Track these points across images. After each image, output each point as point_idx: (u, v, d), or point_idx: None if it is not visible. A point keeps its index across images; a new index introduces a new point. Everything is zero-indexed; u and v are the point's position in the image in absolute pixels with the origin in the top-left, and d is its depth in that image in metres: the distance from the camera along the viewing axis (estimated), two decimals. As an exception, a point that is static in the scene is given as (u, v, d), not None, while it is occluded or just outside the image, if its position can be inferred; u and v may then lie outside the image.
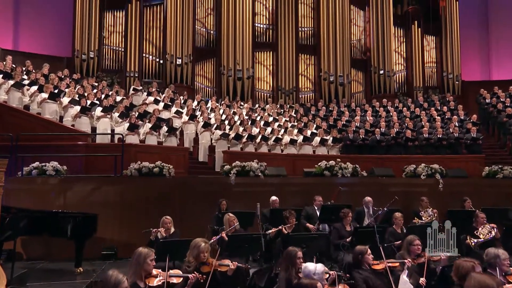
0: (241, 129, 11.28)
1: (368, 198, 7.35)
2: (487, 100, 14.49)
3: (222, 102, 14.48)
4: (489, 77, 19.50)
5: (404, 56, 18.68)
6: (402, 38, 18.77)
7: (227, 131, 10.91)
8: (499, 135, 13.37)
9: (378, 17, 17.93)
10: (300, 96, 17.38)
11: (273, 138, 11.21)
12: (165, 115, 12.17)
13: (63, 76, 12.48)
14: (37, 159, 7.89)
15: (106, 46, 16.63)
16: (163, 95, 13.49)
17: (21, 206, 6.66)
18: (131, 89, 13.93)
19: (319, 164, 8.11)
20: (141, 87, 14.03)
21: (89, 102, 9.91)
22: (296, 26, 17.61)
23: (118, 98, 11.69)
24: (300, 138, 11.48)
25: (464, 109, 14.54)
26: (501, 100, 14.19)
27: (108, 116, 9.62)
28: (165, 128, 9.94)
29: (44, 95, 9.44)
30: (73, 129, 8.93)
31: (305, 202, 7.88)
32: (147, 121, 9.87)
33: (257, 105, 15.09)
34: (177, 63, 16.10)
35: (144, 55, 16.66)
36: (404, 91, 18.32)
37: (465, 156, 11.36)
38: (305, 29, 17.98)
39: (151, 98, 12.82)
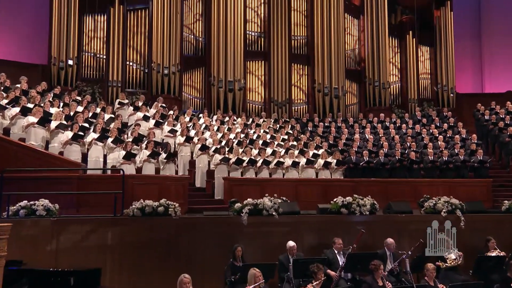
0: (240, 150, 10.89)
1: (390, 240, 7.11)
2: (486, 117, 14.57)
3: (215, 117, 14.00)
4: (482, 89, 19.79)
5: (398, 67, 18.68)
6: (396, 48, 18.77)
7: (226, 154, 10.48)
8: (500, 154, 13.47)
9: (373, 26, 17.83)
10: (293, 108, 17.09)
11: (275, 161, 10.86)
12: (156, 133, 11.64)
13: (41, 91, 11.71)
14: (23, 195, 7.25)
15: (86, 53, 15.84)
16: (152, 110, 12.94)
17: (9, 255, 6.06)
18: (117, 102, 13.28)
19: (335, 200, 7.81)
20: (127, 101, 13.41)
21: (79, 123, 9.26)
22: (289, 35, 17.29)
23: (107, 116, 11.06)
24: (303, 160, 11.19)
25: (459, 122, 14.71)
26: (501, 116, 14.31)
27: (101, 142, 9.02)
28: (163, 155, 9.42)
29: (32, 120, 8.73)
30: (65, 160, 8.28)
31: (321, 241, 7.59)
32: (143, 147, 9.32)
33: (250, 120, 14.70)
34: (164, 72, 15.50)
35: (127, 63, 15.99)
36: (399, 103, 18.34)
37: (473, 180, 11.36)
38: (298, 37, 17.69)
39: (139, 114, 12.25)
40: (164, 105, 13.85)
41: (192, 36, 16.84)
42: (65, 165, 8.30)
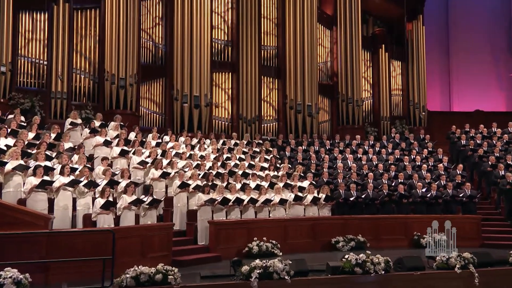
0: (223, 185, 10.57)
1: (411, 304, 7.20)
2: (462, 141, 15.40)
3: (182, 140, 13.45)
4: (450, 107, 20.99)
5: (370, 82, 19.21)
6: (368, 62, 19.28)
7: (210, 193, 10.09)
8: (480, 183, 14.27)
9: (346, 38, 18.13)
10: (263, 125, 16.94)
11: (263, 199, 10.66)
12: (121, 163, 10.96)
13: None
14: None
15: (23, 58, 14.48)
16: (112, 132, 12.18)
17: None
18: (68, 122, 12.25)
19: (347, 257, 7.76)
20: (80, 121, 12.43)
21: (41, 163, 8.37)
22: (259, 44, 17.05)
23: (67, 146, 10.18)
24: (291, 197, 11.10)
25: (439, 148, 15.47)
26: (478, 142, 15.18)
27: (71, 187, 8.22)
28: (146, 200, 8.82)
29: (-16, 163, 7.75)
30: (29, 212, 7.39)
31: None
32: (122, 192, 8.65)
33: (221, 141, 14.32)
34: (120, 84, 14.61)
35: (74, 71, 14.88)
36: (371, 120, 18.87)
37: (462, 216, 11.93)
38: (268, 48, 17.55)
39: (99, 139, 11.40)
40: (122, 123, 13.07)
41: (150, 42, 16.04)
42: (30, 219, 7.45)
